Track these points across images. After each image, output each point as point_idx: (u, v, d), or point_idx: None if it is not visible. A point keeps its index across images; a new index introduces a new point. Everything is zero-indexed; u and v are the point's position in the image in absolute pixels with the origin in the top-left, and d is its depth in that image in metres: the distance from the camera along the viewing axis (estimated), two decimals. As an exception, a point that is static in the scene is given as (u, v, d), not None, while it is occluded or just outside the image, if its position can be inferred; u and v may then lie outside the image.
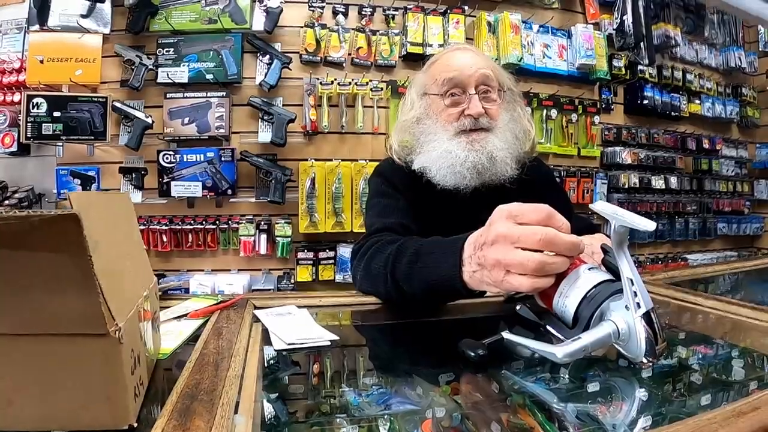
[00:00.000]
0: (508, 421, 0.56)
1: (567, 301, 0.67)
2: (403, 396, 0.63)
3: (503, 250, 0.70)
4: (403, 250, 0.99)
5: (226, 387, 0.59)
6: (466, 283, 0.82)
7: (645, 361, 0.63)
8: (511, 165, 1.29)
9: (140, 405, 0.54)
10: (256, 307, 1.00)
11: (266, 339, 0.83)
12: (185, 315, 0.94)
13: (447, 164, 1.26)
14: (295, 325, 0.88)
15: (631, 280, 0.62)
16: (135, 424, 0.50)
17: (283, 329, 0.85)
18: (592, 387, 0.64)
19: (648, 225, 0.60)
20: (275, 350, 0.78)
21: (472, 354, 0.69)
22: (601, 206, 0.67)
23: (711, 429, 0.49)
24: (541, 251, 0.67)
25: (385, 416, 0.58)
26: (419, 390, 0.65)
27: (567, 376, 0.68)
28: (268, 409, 0.61)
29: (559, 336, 0.68)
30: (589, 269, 0.68)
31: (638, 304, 0.61)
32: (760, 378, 0.69)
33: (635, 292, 0.62)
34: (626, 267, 0.63)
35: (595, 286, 0.66)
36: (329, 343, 0.81)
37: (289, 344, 0.79)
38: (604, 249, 0.72)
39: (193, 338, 0.80)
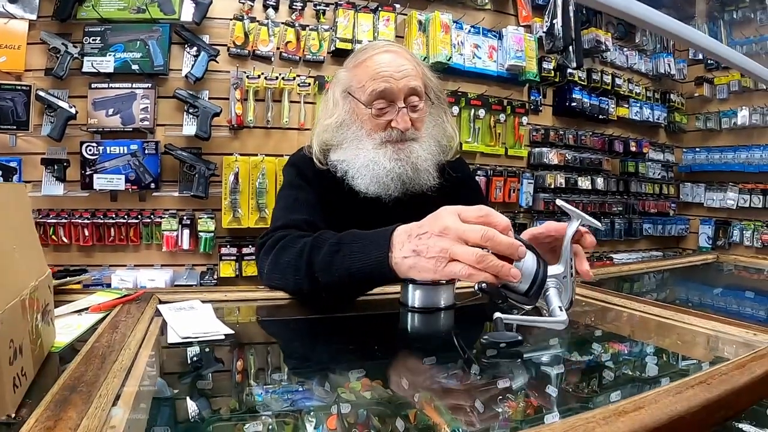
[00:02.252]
0: (414, 417, 0.57)
1: (523, 277, 0.79)
2: (308, 392, 0.63)
3: (450, 241, 0.78)
4: (321, 241, 1.00)
5: (108, 379, 0.58)
6: (393, 269, 0.86)
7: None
8: (433, 174, 1.31)
9: (22, 396, 0.54)
10: (161, 302, 0.98)
11: (163, 333, 0.82)
12: (86, 309, 0.92)
13: (371, 174, 1.26)
14: (194, 320, 0.88)
15: (571, 263, 0.85)
16: (13, 415, 0.50)
17: (180, 323, 0.85)
18: (502, 384, 0.66)
19: (599, 224, 0.87)
20: (169, 344, 0.77)
21: (504, 344, 0.76)
22: (563, 204, 0.88)
23: (588, 428, 0.48)
24: (483, 248, 0.76)
25: (285, 412, 0.58)
26: (326, 386, 0.65)
27: (477, 372, 0.70)
28: (155, 402, 0.60)
29: (518, 303, 0.81)
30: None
31: (571, 274, 0.84)
32: (660, 377, 0.71)
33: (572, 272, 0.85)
34: (570, 252, 0.84)
35: (538, 257, 0.81)
36: (224, 337, 0.80)
37: (183, 338, 0.78)
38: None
39: (91, 332, 0.79)
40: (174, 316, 0.89)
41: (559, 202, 0.91)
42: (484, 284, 0.78)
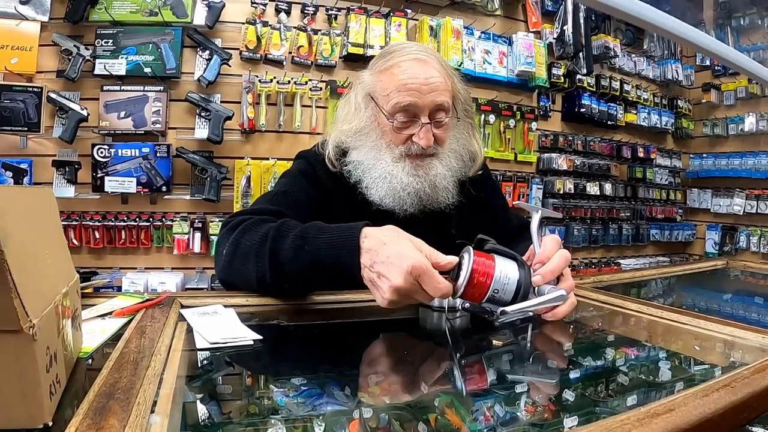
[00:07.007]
0: (435, 421, 0.57)
1: (507, 286, 0.84)
2: (330, 396, 0.63)
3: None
4: (285, 230, 0.99)
5: (143, 386, 0.58)
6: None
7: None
8: (453, 192, 1.26)
9: (57, 403, 0.53)
10: (182, 306, 0.97)
11: (190, 338, 0.82)
12: (110, 313, 0.91)
13: (387, 186, 1.22)
14: (220, 325, 0.87)
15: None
16: (50, 423, 0.49)
17: (207, 328, 0.84)
18: (520, 388, 0.67)
19: (558, 214, 1.26)
20: (198, 349, 0.77)
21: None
22: (522, 203, 1.06)
23: (624, 429, 0.49)
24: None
25: (312, 417, 0.58)
26: (347, 390, 0.65)
27: (495, 376, 0.72)
28: (189, 408, 0.60)
29: (507, 310, 0.83)
30: (500, 258, 0.86)
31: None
32: (682, 380, 0.72)
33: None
34: (537, 243, 0.95)
35: (520, 266, 0.86)
36: (252, 343, 0.80)
37: (212, 343, 0.78)
38: (482, 239, 0.90)
39: (117, 337, 0.78)
40: (199, 321, 0.89)
41: (517, 203, 1.07)
42: (467, 304, 0.83)
